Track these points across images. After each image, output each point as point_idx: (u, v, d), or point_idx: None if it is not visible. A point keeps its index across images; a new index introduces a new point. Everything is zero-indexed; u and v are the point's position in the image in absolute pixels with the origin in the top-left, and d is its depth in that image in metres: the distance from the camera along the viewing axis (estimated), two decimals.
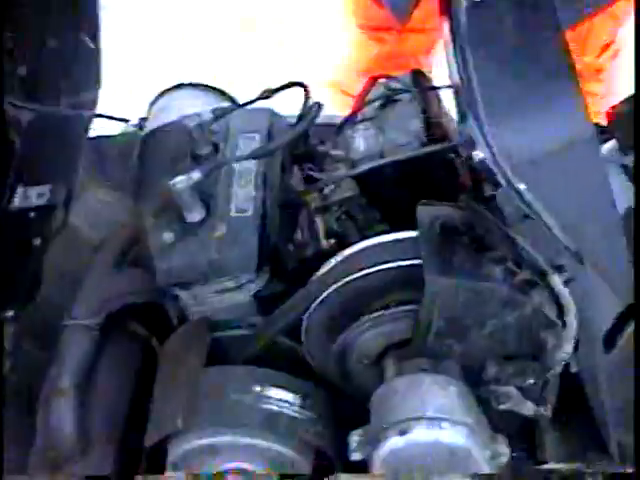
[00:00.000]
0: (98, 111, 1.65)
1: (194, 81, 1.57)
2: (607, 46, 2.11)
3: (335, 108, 2.14)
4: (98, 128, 1.70)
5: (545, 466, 1.34)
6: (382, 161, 1.25)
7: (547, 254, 1.11)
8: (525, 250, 1.10)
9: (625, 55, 2.17)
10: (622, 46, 2.15)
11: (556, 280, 1.09)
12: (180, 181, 1.22)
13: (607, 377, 1.22)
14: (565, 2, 1.18)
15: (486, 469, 1.11)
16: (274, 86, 1.39)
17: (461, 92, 1.09)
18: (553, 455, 1.34)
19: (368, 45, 2.15)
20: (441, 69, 1.56)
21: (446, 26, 1.17)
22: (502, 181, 1.04)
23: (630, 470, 1.29)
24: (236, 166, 1.33)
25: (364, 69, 2.17)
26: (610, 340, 1.22)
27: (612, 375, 1.22)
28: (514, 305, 1.12)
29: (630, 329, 1.22)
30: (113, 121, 1.66)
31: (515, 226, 1.11)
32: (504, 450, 1.12)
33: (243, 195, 1.30)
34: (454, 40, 1.14)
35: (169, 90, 1.56)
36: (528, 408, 1.20)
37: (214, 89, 1.56)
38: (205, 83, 1.57)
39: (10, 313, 1.35)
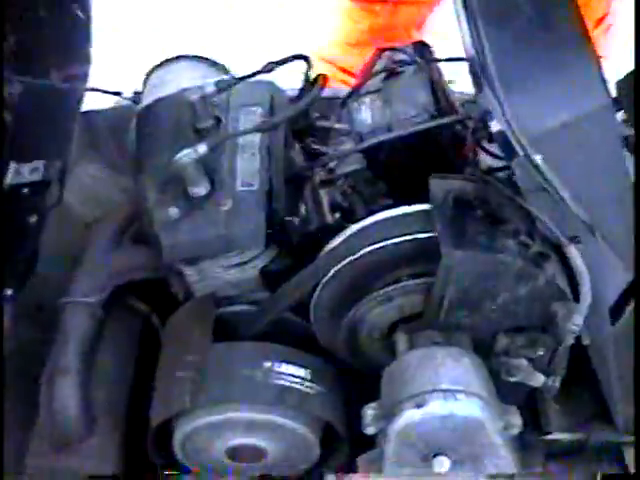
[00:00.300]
0: (90, 84, 1.61)
1: (190, 53, 1.54)
2: (601, 20, 2.11)
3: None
4: (89, 102, 1.66)
5: (549, 436, 1.35)
6: (392, 134, 1.23)
7: (561, 226, 1.11)
8: (540, 221, 1.10)
9: (618, 29, 2.18)
10: (615, 20, 2.15)
11: (573, 251, 1.09)
12: (185, 155, 1.19)
13: (614, 348, 1.23)
14: None
15: (499, 440, 1.11)
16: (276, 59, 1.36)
17: (476, 64, 1.08)
18: (557, 425, 1.35)
19: (360, 17, 2.12)
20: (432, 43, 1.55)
21: None
22: (519, 152, 1.03)
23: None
24: (239, 140, 1.31)
25: (355, 42, 2.15)
26: (617, 311, 1.23)
27: (619, 346, 1.23)
28: (527, 277, 1.12)
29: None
30: (105, 95, 1.62)
31: (530, 198, 1.10)
32: (517, 421, 1.13)
33: (248, 169, 1.28)
34: (466, 10, 1.12)
35: (165, 62, 1.52)
36: (537, 380, 1.21)
37: (211, 61, 1.53)
38: (202, 55, 1.53)
39: (9, 292, 1.31)
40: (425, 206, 1.16)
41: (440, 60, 1.37)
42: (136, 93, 1.55)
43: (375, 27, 2.10)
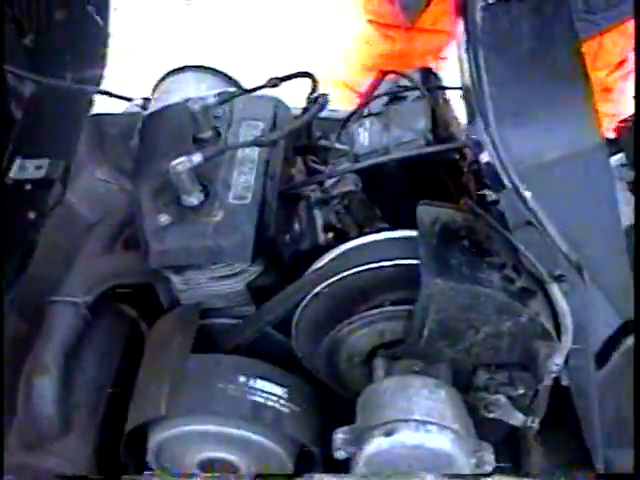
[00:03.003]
0: (102, 88, 1.63)
1: (200, 64, 1.55)
2: (619, 65, 2.08)
3: (338, 103, 2.11)
4: (100, 105, 1.67)
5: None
6: (385, 157, 1.23)
7: (547, 263, 1.09)
8: (525, 257, 1.08)
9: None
10: (633, 67, 2.11)
11: (555, 290, 1.07)
12: (180, 163, 1.20)
13: (598, 393, 1.20)
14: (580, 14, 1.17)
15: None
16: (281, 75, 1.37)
17: (471, 93, 1.07)
18: (537, 466, 1.32)
19: (376, 42, 2.12)
20: (449, 72, 1.54)
21: (460, 25, 1.15)
22: (507, 185, 1.02)
23: None
24: (238, 153, 1.31)
25: (370, 66, 2.15)
26: (603, 356, 1.21)
27: (603, 391, 1.20)
28: (510, 312, 1.10)
29: (625, 346, 1.20)
30: (116, 99, 1.64)
31: (516, 232, 1.09)
32: (490, 459, 1.11)
33: (243, 182, 1.28)
34: (467, 40, 1.12)
35: (174, 71, 1.54)
36: (516, 418, 1.19)
37: (220, 73, 1.54)
38: (211, 66, 1.54)
39: None
40: (412, 232, 1.15)
41: (443, 87, 1.36)
42: (145, 100, 1.56)
43: (391, 52, 2.10)
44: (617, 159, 1.23)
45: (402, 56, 2.09)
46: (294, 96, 1.43)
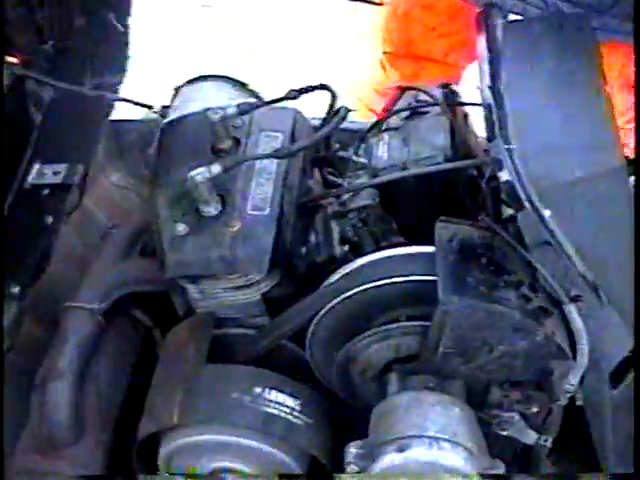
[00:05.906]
0: (122, 95, 1.64)
1: (220, 73, 1.55)
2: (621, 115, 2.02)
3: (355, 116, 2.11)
4: (120, 112, 1.69)
5: None
6: (404, 173, 1.23)
7: (564, 282, 1.09)
8: (543, 277, 1.08)
9: None
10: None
11: (572, 310, 1.07)
12: (199, 173, 1.20)
13: (612, 413, 1.20)
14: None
15: None
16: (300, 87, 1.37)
17: (492, 111, 1.08)
18: None
19: (389, 68, 2.13)
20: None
21: (482, 42, 1.15)
22: (526, 204, 1.02)
23: None
24: (256, 164, 1.31)
25: (384, 92, 2.14)
26: (618, 376, 1.20)
27: (617, 412, 1.20)
28: (526, 331, 1.10)
29: None
30: (136, 106, 1.64)
31: (534, 251, 1.09)
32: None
33: (261, 193, 1.28)
34: (489, 57, 1.12)
35: (194, 80, 1.54)
36: (529, 437, 1.19)
37: (240, 83, 1.54)
38: (231, 76, 1.55)
39: (16, 289, 1.33)
40: (429, 248, 1.15)
41: (463, 104, 1.36)
42: (164, 107, 1.57)
43: (404, 80, 2.09)
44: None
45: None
46: (313, 108, 1.44)
